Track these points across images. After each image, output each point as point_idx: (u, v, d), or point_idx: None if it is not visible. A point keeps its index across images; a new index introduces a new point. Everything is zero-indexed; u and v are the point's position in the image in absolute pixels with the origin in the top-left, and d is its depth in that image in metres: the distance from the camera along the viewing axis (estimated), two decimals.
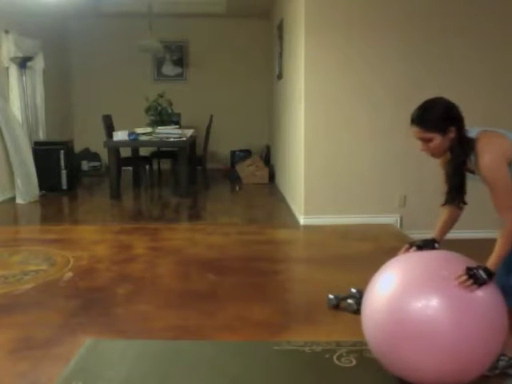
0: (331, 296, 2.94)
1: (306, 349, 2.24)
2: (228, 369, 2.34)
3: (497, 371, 2.15)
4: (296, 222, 5.17)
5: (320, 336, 2.61)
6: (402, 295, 1.99)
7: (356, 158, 4.95)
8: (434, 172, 5.06)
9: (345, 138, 4.92)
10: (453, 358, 1.89)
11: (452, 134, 2.01)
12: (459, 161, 2.03)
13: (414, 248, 2.22)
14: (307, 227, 4.92)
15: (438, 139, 2.01)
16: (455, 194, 2.06)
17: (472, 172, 2.12)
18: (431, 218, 4.98)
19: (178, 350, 2.51)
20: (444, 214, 2.29)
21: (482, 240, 4.67)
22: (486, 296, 1.96)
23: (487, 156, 1.95)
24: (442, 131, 2.00)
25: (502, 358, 2.14)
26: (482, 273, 1.95)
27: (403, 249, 2.26)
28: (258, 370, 2.32)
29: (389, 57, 4.80)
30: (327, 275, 3.56)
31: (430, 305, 1.91)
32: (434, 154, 2.09)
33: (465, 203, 2.04)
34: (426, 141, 2.03)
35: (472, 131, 2.07)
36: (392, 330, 1.97)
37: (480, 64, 4.80)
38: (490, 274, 1.96)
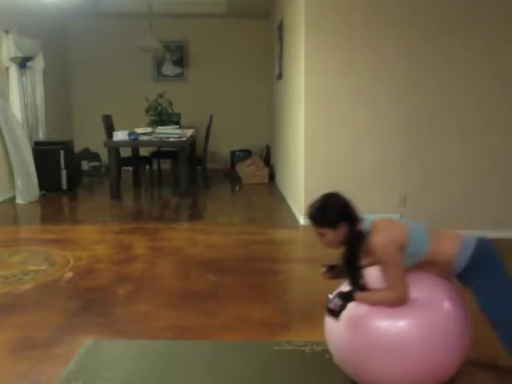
0: (331, 296, 2.93)
1: (306, 349, 2.24)
2: (228, 369, 2.34)
3: None
4: (296, 221, 5.17)
5: (320, 336, 2.61)
6: (371, 308, 2.03)
7: (356, 158, 4.94)
8: (434, 172, 5.09)
9: (345, 137, 4.92)
10: (420, 368, 1.96)
11: (344, 229, 2.07)
12: (350, 254, 2.08)
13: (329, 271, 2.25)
14: (307, 227, 4.90)
15: (330, 234, 2.08)
16: (356, 281, 2.11)
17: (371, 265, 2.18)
18: (431, 218, 5.00)
19: (177, 350, 2.51)
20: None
21: None
22: (451, 308, 2.02)
23: (378, 237, 2.02)
24: (333, 227, 2.07)
25: None
26: (337, 301, 2.05)
27: (323, 270, 2.29)
28: (257, 369, 2.32)
29: (389, 57, 4.80)
30: None
31: (398, 317, 1.97)
32: (330, 246, 2.13)
33: (365, 288, 2.09)
34: (320, 235, 2.10)
35: (368, 220, 2.13)
36: (360, 342, 2.00)
37: (480, 64, 4.79)
38: (348, 298, 2.05)
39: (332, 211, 2.09)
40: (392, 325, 1.97)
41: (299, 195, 5.19)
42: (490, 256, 2.12)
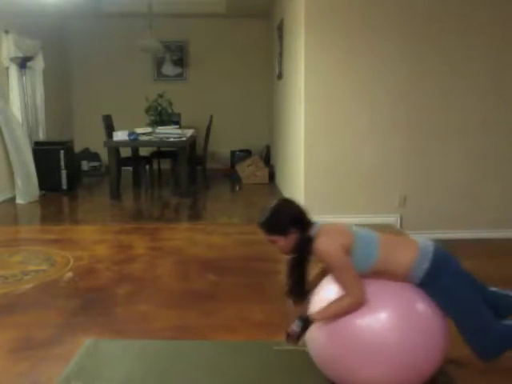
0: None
1: (306, 349, 2.24)
2: (228, 369, 2.34)
3: None
4: None
5: None
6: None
7: (356, 157, 4.94)
8: (434, 172, 5.09)
9: (345, 137, 4.92)
10: (398, 368, 1.96)
11: (294, 236, 2.06)
12: (298, 260, 2.09)
13: (294, 342, 2.17)
14: None
15: (281, 241, 2.08)
16: (296, 290, 2.13)
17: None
18: (431, 218, 5.01)
19: (177, 350, 2.51)
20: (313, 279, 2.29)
21: (482, 240, 4.69)
22: (428, 307, 2.03)
23: (321, 241, 2.01)
24: (284, 234, 2.06)
25: None
26: (295, 325, 2.06)
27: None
28: (257, 369, 2.32)
29: (389, 57, 4.80)
30: None
31: (378, 319, 1.97)
32: (283, 252, 2.14)
33: (306, 298, 2.11)
34: (271, 242, 2.11)
35: (317, 225, 2.11)
36: (339, 343, 2.01)
37: (480, 64, 4.79)
38: (307, 321, 2.06)
39: (281, 219, 2.08)
40: (370, 325, 1.98)
41: (299, 195, 5.18)
42: (448, 267, 2.07)
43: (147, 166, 7.36)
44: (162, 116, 7.01)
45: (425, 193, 4.95)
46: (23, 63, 6.54)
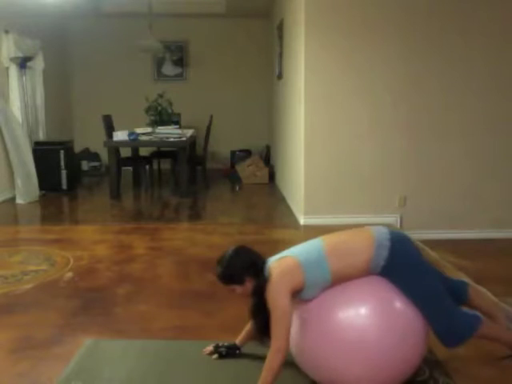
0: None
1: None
2: (228, 368, 2.34)
3: None
4: (296, 221, 5.17)
5: None
6: (333, 307, 2.04)
7: (356, 158, 4.95)
8: (434, 172, 5.09)
9: (345, 138, 4.92)
10: (378, 367, 1.98)
11: (250, 283, 2.11)
12: (258, 304, 2.10)
13: (215, 355, 2.41)
14: (307, 227, 4.92)
15: (238, 289, 2.14)
16: (259, 334, 2.15)
17: None
18: (431, 218, 5.01)
19: (177, 350, 2.51)
20: (250, 325, 2.36)
21: (482, 240, 4.70)
22: (408, 311, 2.03)
23: (270, 287, 2.03)
24: (240, 283, 2.12)
25: None
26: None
27: (207, 350, 2.45)
28: (257, 369, 2.32)
29: (389, 57, 4.80)
30: None
31: (358, 319, 1.99)
32: (244, 297, 2.18)
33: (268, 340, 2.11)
34: (231, 290, 2.17)
35: (268, 265, 2.12)
36: (320, 341, 2.02)
37: (480, 64, 4.80)
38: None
39: (235, 270, 2.11)
40: (350, 324, 1.99)
41: (299, 195, 5.19)
42: (407, 251, 2.08)
43: (147, 166, 7.35)
44: (162, 116, 7.01)
45: (425, 193, 4.96)
46: (23, 63, 6.53)
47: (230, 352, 2.41)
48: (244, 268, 2.11)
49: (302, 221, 5.04)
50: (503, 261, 4.11)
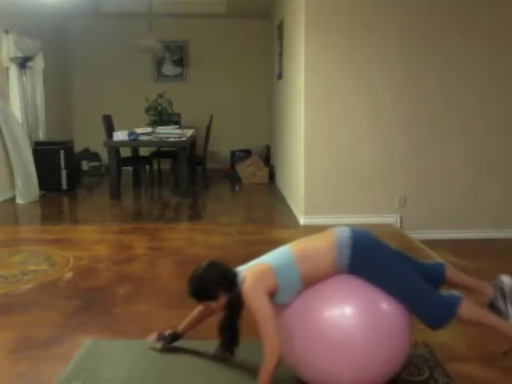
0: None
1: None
2: (228, 368, 2.34)
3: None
4: (296, 221, 5.17)
5: None
6: (319, 308, 2.05)
7: (356, 158, 4.95)
8: (434, 172, 5.09)
9: (345, 137, 4.92)
10: (363, 367, 1.99)
11: (224, 297, 2.14)
12: (230, 318, 2.14)
13: (160, 344, 2.49)
14: (307, 227, 4.91)
15: (213, 304, 2.18)
16: (227, 347, 2.19)
17: None
18: (431, 218, 5.01)
19: (177, 350, 2.51)
20: (195, 312, 2.44)
21: (482, 240, 4.69)
22: (394, 312, 2.04)
23: (245, 291, 2.05)
24: (213, 298, 2.15)
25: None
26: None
27: (153, 335, 2.53)
28: (258, 369, 2.32)
29: (389, 57, 4.80)
30: None
31: (344, 319, 2.00)
32: (219, 311, 2.21)
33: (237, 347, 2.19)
34: (205, 306, 2.24)
35: (241, 273, 2.15)
36: (306, 340, 2.03)
37: (480, 64, 4.80)
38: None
39: (207, 286, 2.15)
40: (337, 324, 2.00)
41: (299, 195, 5.19)
42: (370, 246, 2.08)
43: (147, 166, 7.36)
44: (162, 116, 7.01)
45: (425, 193, 4.96)
46: (23, 63, 6.53)
47: (172, 339, 2.49)
48: (216, 283, 2.14)
49: (301, 221, 5.04)
50: (503, 261, 4.11)
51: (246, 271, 2.13)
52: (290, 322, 2.11)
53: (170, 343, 2.49)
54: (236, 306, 2.10)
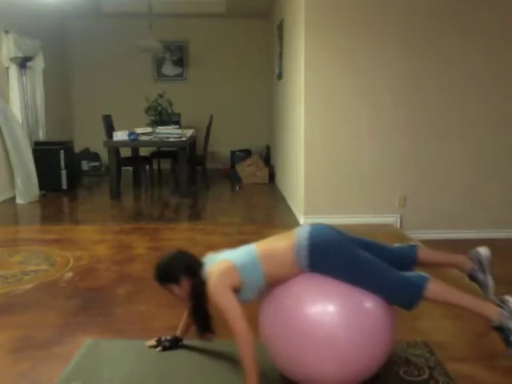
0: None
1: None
2: (228, 368, 2.34)
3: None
4: (296, 222, 5.17)
5: None
6: (302, 306, 2.05)
7: (356, 158, 4.95)
8: (434, 172, 5.09)
9: (345, 137, 4.92)
10: (346, 364, 2.01)
11: (187, 282, 2.20)
12: (196, 305, 2.18)
13: (159, 348, 2.50)
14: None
15: (176, 289, 2.23)
16: (201, 329, 2.23)
17: None
18: (431, 218, 5.01)
19: (177, 350, 2.51)
20: (186, 313, 2.49)
21: (482, 240, 4.69)
22: (377, 308, 2.05)
23: (210, 285, 2.09)
24: (176, 283, 2.21)
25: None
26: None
27: (150, 343, 2.54)
28: (258, 369, 2.32)
29: (389, 57, 4.80)
30: None
31: (327, 316, 2.01)
32: (182, 300, 2.27)
33: (213, 332, 2.23)
34: (169, 291, 2.26)
35: (207, 265, 2.20)
36: (291, 337, 2.05)
37: (480, 64, 4.80)
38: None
39: (171, 269, 2.23)
40: (320, 321, 2.00)
41: (299, 195, 5.19)
42: (328, 244, 2.09)
43: (147, 166, 7.36)
44: (162, 116, 7.01)
45: (425, 193, 4.96)
46: (23, 63, 6.53)
47: (172, 345, 2.50)
48: (179, 267, 2.22)
49: (301, 221, 5.04)
50: (503, 261, 4.11)
51: (211, 267, 2.16)
52: (273, 321, 2.12)
53: (171, 349, 2.50)
54: (200, 292, 2.12)
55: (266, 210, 6.08)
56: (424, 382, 2.20)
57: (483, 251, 2.31)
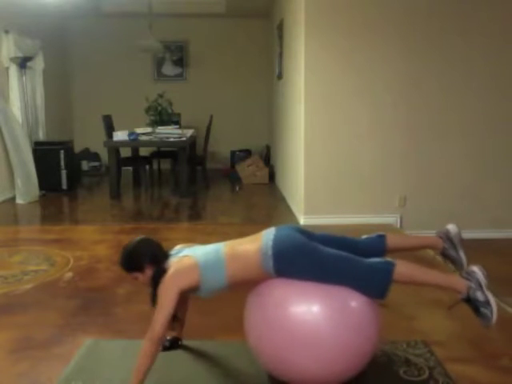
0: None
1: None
2: (228, 369, 2.34)
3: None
4: (296, 222, 5.17)
5: None
6: (286, 305, 2.05)
7: (356, 157, 4.95)
8: (434, 172, 5.09)
9: (345, 137, 4.92)
10: (331, 362, 2.01)
11: (150, 270, 2.20)
12: (154, 291, 2.15)
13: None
14: (307, 227, 4.90)
15: (140, 277, 2.23)
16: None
17: None
18: (431, 218, 5.01)
19: (177, 350, 2.51)
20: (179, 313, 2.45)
21: (482, 240, 4.69)
22: (362, 306, 2.05)
23: (165, 277, 2.09)
24: (140, 270, 2.22)
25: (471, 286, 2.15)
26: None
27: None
28: (258, 369, 2.32)
29: (389, 57, 4.80)
30: None
31: (312, 314, 2.01)
32: (145, 285, 2.25)
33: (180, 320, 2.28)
34: (134, 278, 2.26)
35: (171, 259, 2.21)
36: (276, 335, 2.05)
37: (480, 64, 4.80)
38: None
39: (136, 256, 2.22)
40: (305, 319, 2.01)
41: (299, 195, 5.19)
42: (292, 245, 2.08)
43: (147, 166, 7.36)
44: (162, 116, 7.01)
45: (425, 193, 4.96)
46: (23, 63, 6.53)
47: (172, 344, 2.50)
48: (144, 255, 2.21)
49: (301, 221, 5.04)
50: (503, 261, 4.12)
51: (175, 260, 2.17)
52: (258, 322, 2.13)
53: (171, 349, 2.49)
54: (159, 281, 2.11)
55: (266, 210, 6.08)
56: (424, 382, 2.20)
57: (452, 228, 2.34)
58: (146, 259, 2.20)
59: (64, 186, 6.81)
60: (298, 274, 2.07)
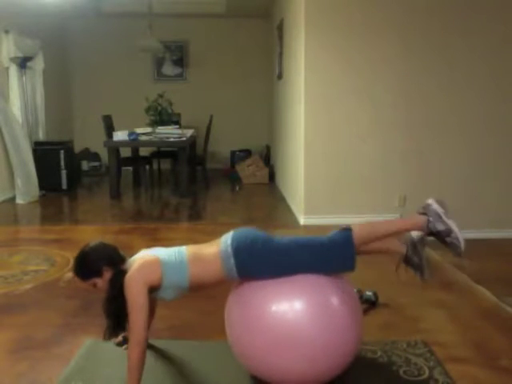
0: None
1: None
2: (228, 368, 2.34)
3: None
4: (296, 222, 5.17)
5: None
6: (271, 303, 2.05)
7: (356, 157, 4.95)
8: (434, 172, 5.08)
9: (345, 137, 4.92)
10: (312, 362, 2.01)
11: (108, 273, 2.14)
12: (111, 296, 2.12)
13: (126, 346, 2.33)
14: (307, 227, 4.91)
15: (99, 282, 2.15)
16: (113, 326, 2.16)
17: None
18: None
19: (177, 350, 2.51)
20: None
21: (482, 240, 4.69)
22: (343, 307, 2.06)
23: (127, 277, 2.05)
24: (98, 275, 2.14)
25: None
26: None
27: (117, 340, 2.45)
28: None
29: (389, 57, 4.80)
30: None
31: (293, 314, 2.01)
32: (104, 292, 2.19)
33: (124, 330, 2.16)
34: (92, 286, 2.17)
35: (129, 261, 2.18)
36: (256, 336, 2.05)
37: (480, 64, 4.79)
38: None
39: (90, 261, 2.15)
40: (285, 320, 2.01)
41: (299, 195, 5.19)
42: (253, 247, 2.11)
43: (147, 166, 7.36)
44: (162, 116, 7.02)
45: (424, 193, 4.94)
46: (23, 63, 6.54)
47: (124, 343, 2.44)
48: (101, 258, 2.14)
49: (301, 221, 5.04)
50: (503, 261, 4.11)
51: (134, 259, 2.15)
52: (239, 321, 2.12)
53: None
54: (118, 282, 2.08)
55: (266, 209, 6.08)
56: (424, 382, 2.20)
57: (415, 235, 2.30)
58: (103, 262, 2.13)
59: (64, 186, 6.82)
60: (261, 266, 2.07)
